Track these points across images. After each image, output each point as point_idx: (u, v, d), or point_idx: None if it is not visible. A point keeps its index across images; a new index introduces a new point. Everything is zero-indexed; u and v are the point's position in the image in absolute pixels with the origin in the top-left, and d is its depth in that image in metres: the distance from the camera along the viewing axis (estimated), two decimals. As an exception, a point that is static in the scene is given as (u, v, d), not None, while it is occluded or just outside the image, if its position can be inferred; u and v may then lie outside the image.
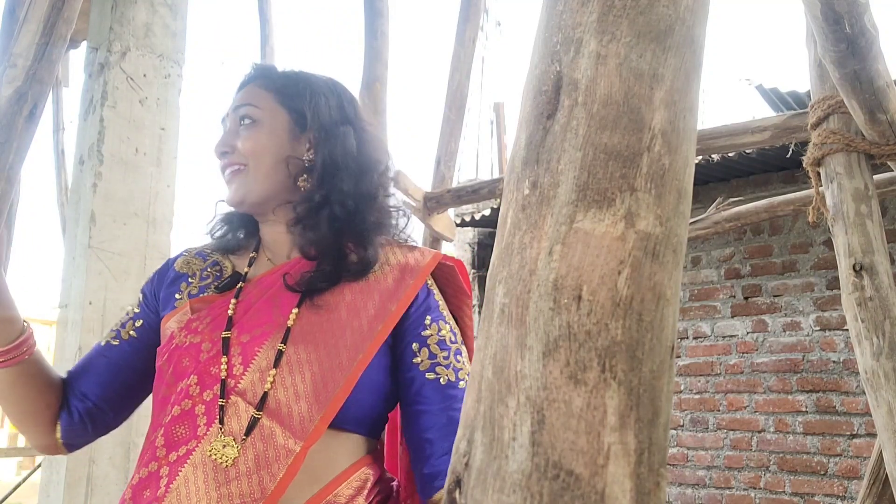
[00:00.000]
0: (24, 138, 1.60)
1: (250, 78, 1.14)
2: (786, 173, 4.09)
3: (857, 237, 1.44)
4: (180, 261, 1.14)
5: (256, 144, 1.06)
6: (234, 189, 1.06)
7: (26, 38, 1.57)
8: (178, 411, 0.97)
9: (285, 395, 0.96)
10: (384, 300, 1.03)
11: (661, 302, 0.39)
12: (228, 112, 1.12)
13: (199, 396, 0.97)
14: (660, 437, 0.37)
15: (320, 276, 1.03)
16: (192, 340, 1.01)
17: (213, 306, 1.04)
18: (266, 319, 1.01)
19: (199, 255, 1.15)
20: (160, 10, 2.87)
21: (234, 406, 0.95)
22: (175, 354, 1.01)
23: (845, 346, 3.81)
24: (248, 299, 1.04)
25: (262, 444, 0.93)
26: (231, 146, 1.07)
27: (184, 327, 1.03)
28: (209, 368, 0.98)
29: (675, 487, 4.26)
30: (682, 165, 0.42)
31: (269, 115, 1.08)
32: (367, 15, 3.47)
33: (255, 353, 0.98)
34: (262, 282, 1.07)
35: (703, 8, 0.45)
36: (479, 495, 0.37)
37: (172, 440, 0.96)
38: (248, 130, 1.07)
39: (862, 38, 1.29)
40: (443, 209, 3.60)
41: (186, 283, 1.10)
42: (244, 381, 0.97)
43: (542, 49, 0.45)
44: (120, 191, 2.66)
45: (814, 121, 1.53)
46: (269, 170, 1.06)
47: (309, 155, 1.08)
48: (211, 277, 1.10)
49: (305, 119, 1.09)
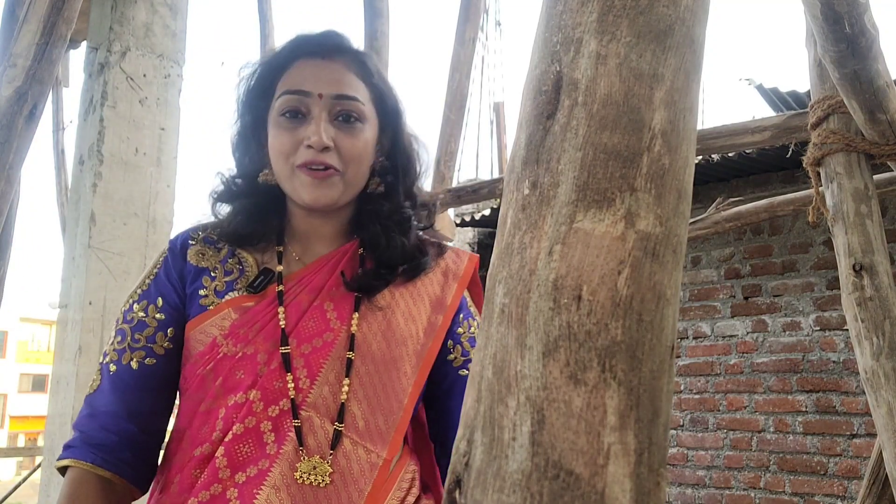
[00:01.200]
0: (24, 138, 1.60)
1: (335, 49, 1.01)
2: (786, 173, 4.09)
3: (857, 237, 1.44)
4: (192, 252, 1.02)
5: (360, 151, 0.98)
6: (325, 190, 0.96)
7: (26, 38, 1.57)
8: (241, 429, 0.91)
9: (359, 406, 0.93)
10: (434, 308, 1.01)
11: (661, 302, 0.39)
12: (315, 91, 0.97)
13: (264, 413, 0.91)
14: (660, 437, 0.38)
15: (376, 274, 0.99)
16: (246, 351, 0.94)
17: (257, 310, 0.96)
18: (325, 327, 0.96)
19: (208, 242, 1.03)
20: (160, 10, 2.87)
21: (307, 423, 0.91)
22: (224, 365, 0.94)
23: (845, 346, 3.81)
24: (297, 303, 0.97)
25: (345, 460, 0.91)
26: (332, 142, 0.96)
27: (229, 334, 0.95)
28: (272, 383, 0.92)
29: (675, 487, 4.26)
30: (682, 165, 0.42)
31: (369, 117, 1.00)
32: (367, 15, 3.47)
33: (321, 366, 0.94)
34: (309, 281, 0.99)
35: (703, 8, 0.45)
36: (479, 495, 0.37)
37: (237, 460, 0.90)
38: (354, 131, 0.98)
39: (862, 38, 1.29)
40: (443, 209, 3.60)
41: (210, 279, 0.99)
42: (312, 394, 0.92)
43: (542, 49, 0.45)
44: (120, 191, 2.66)
45: (814, 121, 1.53)
46: (361, 176, 1.00)
47: (381, 159, 1.03)
48: (235, 272, 1.00)
49: (389, 123, 1.04)
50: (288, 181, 0.98)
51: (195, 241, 1.03)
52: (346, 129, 0.97)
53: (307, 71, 0.98)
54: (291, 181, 0.97)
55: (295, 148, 0.96)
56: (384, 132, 1.03)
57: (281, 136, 0.97)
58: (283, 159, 0.97)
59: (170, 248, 1.04)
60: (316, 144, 0.94)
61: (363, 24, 3.48)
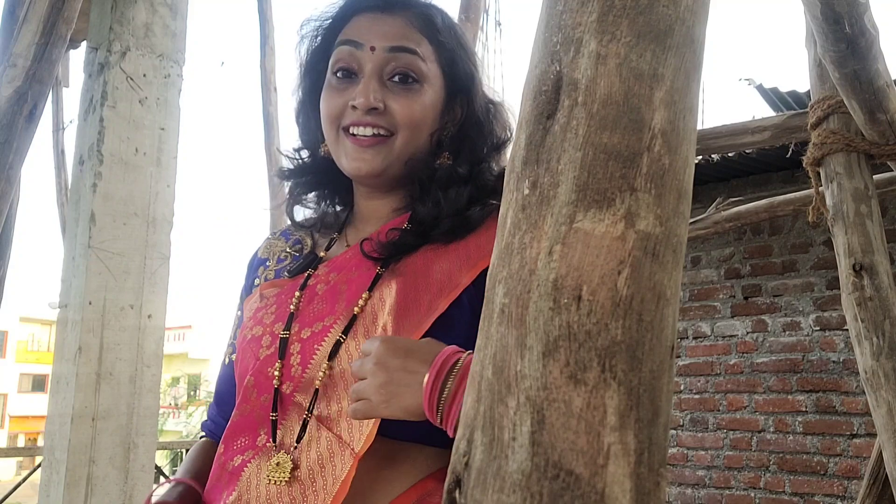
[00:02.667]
0: (24, 138, 1.60)
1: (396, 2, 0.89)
2: (786, 173, 4.09)
3: (856, 237, 1.44)
4: (263, 245, 1.00)
5: (417, 116, 0.86)
6: (368, 160, 0.85)
7: (26, 38, 1.57)
8: (238, 417, 0.86)
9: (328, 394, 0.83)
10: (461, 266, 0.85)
11: (661, 302, 0.39)
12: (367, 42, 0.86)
13: (257, 400, 0.85)
14: (660, 437, 0.38)
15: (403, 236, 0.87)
16: (255, 333, 0.89)
17: (280, 294, 0.91)
18: (329, 310, 0.86)
19: (284, 234, 0.99)
20: (160, 10, 2.87)
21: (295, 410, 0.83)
22: (242, 348, 0.90)
23: (845, 346, 3.81)
24: (313, 286, 0.89)
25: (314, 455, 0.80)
26: (382, 104, 0.85)
27: (252, 316, 0.91)
28: (265, 368, 0.86)
29: (675, 487, 4.26)
30: (682, 165, 0.42)
31: (431, 78, 0.88)
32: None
33: (315, 351, 0.84)
34: (335, 262, 0.91)
35: (703, 8, 0.45)
36: (478, 495, 0.37)
37: (231, 447, 0.86)
38: (409, 92, 0.86)
39: (862, 38, 1.29)
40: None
41: (264, 268, 0.96)
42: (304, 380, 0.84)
43: (542, 49, 0.45)
44: (120, 191, 2.66)
45: (814, 121, 1.53)
46: (416, 146, 0.88)
47: (453, 130, 0.91)
48: (288, 259, 0.95)
49: (460, 89, 0.91)
50: (335, 148, 0.89)
51: (274, 234, 1.00)
52: (401, 91, 0.86)
53: (364, 23, 0.88)
54: (337, 148, 0.88)
55: (342, 110, 0.87)
56: (454, 98, 0.91)
57: (329, 98, 0.89)
58: (330, 123, 0.88)
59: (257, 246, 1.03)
60: (361, 105, 0.84)
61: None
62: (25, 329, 30.90)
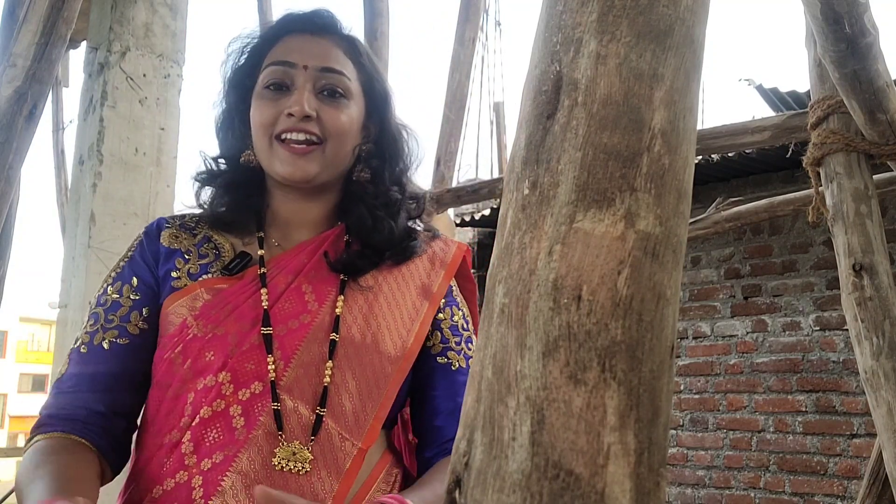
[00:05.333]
0: (24, 138, 1.60)
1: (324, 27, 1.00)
2: (786, 173, 4.09)
3: (856, 237, 1.44)
4: (165, 234, 1.00)
5: (344, 125, 0.96)
6: (303, 166, 0.93)
7: (26, 38, 1.57)
8: (209, 413, 0.87)
9: (338, 391, 0.90)
10: (420, 294, 0.99)
11: (661, 302, 0.39)
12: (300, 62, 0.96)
13: (234, 396, 0.88)
14: (660, 437, 0.38)
15: (361, 255, 0.97)
16: (216, 332, 0.91)
17: (230, 292, 0.94)
18: (301, 309, 0.93)
19: (184, 227, 1.01)
20: (160, 10, 2.87)
21: (283, 406, 0.88)
22: (193, 346, 0.91)
23: (845, 346, 3.81)
24: (273, 286, 0.94)
25: (322, 447, 0.87)
26: (315, 112, 0.94)
27: (200, 315, 0.92)
28: (244, 365, 0.89)
29: (675, 487, 4.26)
30: (682, 165, 0.42)
31: (355, 95, 0.99)
32: (366, 15, 3.47)
33: (296, 348, 0.90)
34: (286, 265, 0.97)
35: (703, 8, 0.45)
36: (478, 495, 0.37)
37: (204, 446, 0.87)
38: (340, 105, 0.96)
39: (862, 38, 1.29)
40: (443, 209, 3.60)
41: (183, 261, 0.97)
42: (286, 377, 0.89)
43: (542, 49, 0.45)
44: (120, 191, 2.66)
45: (814, 121, 1.53)
46: (343, 155, 0.97)
47: (367, 144, 1.01)
48: (211, 256, 0.98)
49: (376, 108, 1.02)
50: (266, 155, 0.96)
51: (171, 225, 1.02)
52: (331, 102, 0.95)
53: (294, 44, 0.97)
54: (270, 155, 0.95)
55: (275, 118, 0.94)
56: (371, 116, 1.01)
57: (262, 107, 0.96)
58: (262, 131, 0.95)
59: (145, 231, 1.02)
60: (297, 113, 0.92)
61: (363, 24, 3.48)
62: (25, 329, 30.90)
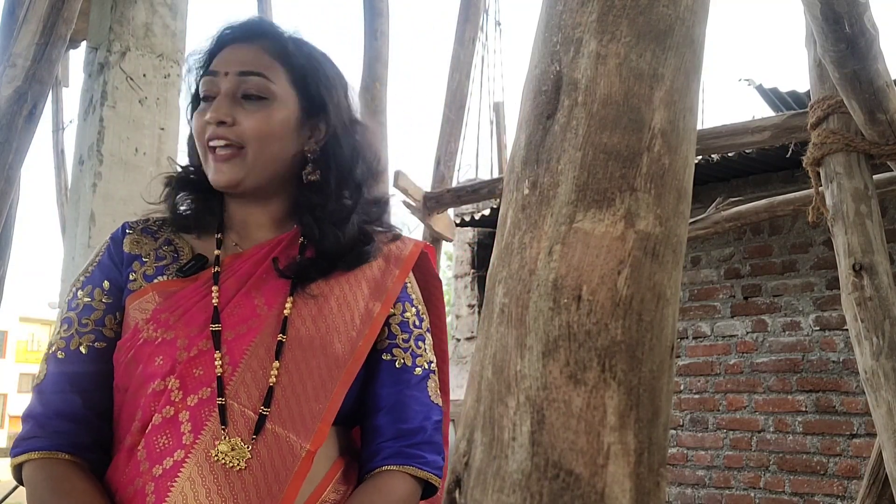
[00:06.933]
0: (24, 138, 1.60)
1: (253, 34, 1.00)
2: (786, 173, 4.09)
3: (856, 237, 1.44)
4: (127, 240, 1.00)
5: (265, 128, 0.94)
6: (226, 171, 0.94)
7: (26, 38, 1.57)
8: (160, 420, 0.87)
9: (284, 392, 0.90)
10: (372, 295, 0.98)
11: (660, 302, 0.39)
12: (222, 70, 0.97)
13: (183, 402, 0.88)
14: (659, 436, 0.37)
15: (312, 262, 0.97)
16: (165, 336, 0.90)
17: (182, 295, 0.94)
18: (250, 314, 0.93)
19: (146, 232, 1.02)
20: (160, 10, 2.87)
21: (229, 409, 0.88)
22: (144, 351, 0.90)
23: (845, 346, 3.81)
24: (224, 290, 0.95)
25: (266, 447, 0.87)
26: (231, 118, 0.94)
27: (151, 319, 0.92)
28: (192, 370, 0.89)
29: (674, 487, 4.26)
30: (682, 165, 0.42)
31: (281, 97, 0.97)
32: (366, 15, 3.47)
33: (244, 353, 0.90)
34: (238, 269, 0.97)
35: (703, 8, 0.45)
36: (478, 495, 0.37)
37: (155, 452, 0.86)
38: (258, 108, 0.95)
39: (862, 38, 1.29)
40: (442, 209, 3.60)
41: (140, 264, 0.97)
42: (234, 382, 0.89)
43: (542, 49, 0.45)
44: (120, 191, 2.66)
45: (814, 121, 1.53)
46: (272, 158, 0.96)
47: (316, 147, 0.99)
48: (168, 258, 0.98)
49: (317, 108, 0.99)
50: (203, 163, 0.97)
51: (133, 230, 1.02)
52: (251, 106, 0.95)
53: (224, 54, 0.99)
54: (205, 163, 0.97)
55: (204, 128, 0.95)
56: (312, 117, 0.99)
57: (196, 118, 0.98)
58: (197, 141, 0.97)
59: (112, 237, 1.02)
60: (211, 119, 0.93)
61: (363, 24, 3.48)
62: (25, 329, 30.89)
